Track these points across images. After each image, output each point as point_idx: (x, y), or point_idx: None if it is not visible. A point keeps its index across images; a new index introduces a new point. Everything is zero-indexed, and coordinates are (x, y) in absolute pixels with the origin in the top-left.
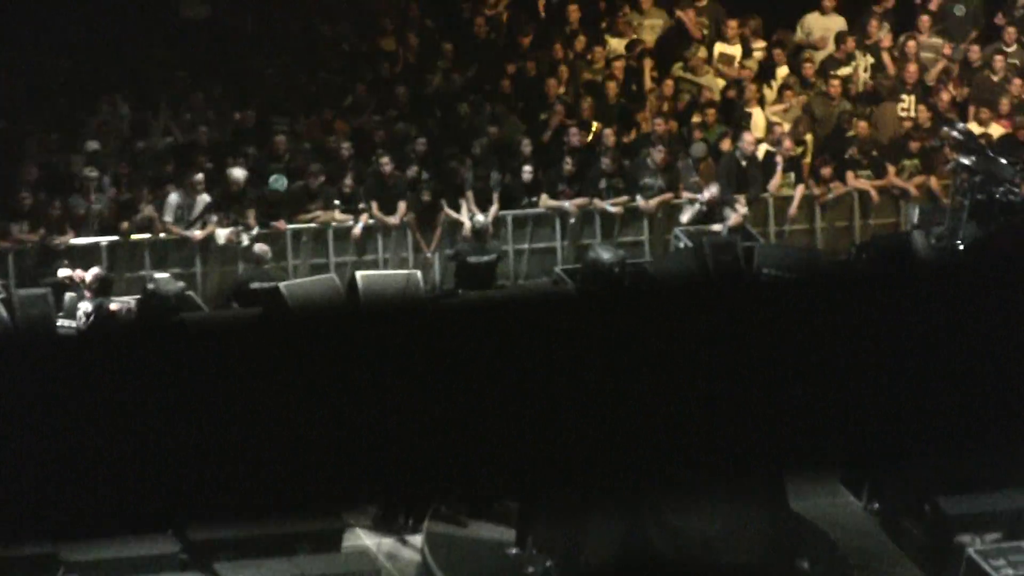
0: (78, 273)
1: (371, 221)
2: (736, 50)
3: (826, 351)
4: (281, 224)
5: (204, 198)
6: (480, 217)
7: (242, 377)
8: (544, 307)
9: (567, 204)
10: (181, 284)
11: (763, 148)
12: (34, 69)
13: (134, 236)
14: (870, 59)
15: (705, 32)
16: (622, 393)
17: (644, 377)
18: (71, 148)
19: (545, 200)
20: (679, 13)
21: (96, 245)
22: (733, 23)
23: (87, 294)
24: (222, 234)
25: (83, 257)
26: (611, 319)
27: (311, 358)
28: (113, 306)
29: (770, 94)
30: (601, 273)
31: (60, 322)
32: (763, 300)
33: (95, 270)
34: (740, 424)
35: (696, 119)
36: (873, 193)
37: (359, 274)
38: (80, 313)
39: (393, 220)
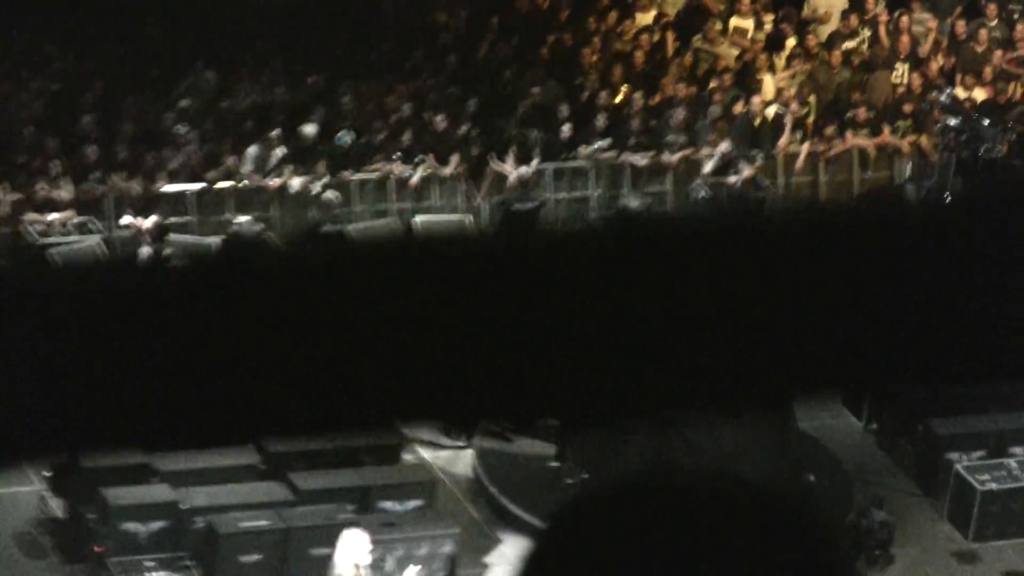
0: (139, 221)
1: (427, 172)
2: (749, 23)
3: (827, 288)
4: (347, 174)
5: (280, 151)
6: (524, 169)
7: (314, 305)
8: (578, 246)
9: (598, 144)
10: (260, 226)
11: (772, 110)
12: (130, 36)
13: (218, 184)
14: (868, 32)
15: (721, 7)
16: (651, 322)
17: (667, 309)
18: (164, 107)
19: (583, 150)
20: None
21: (184, 192)
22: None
23: (147, 239)
24: (296, 183)
25: (174, 203)
26: (636, 258)
27: (374, 288)
28: (168, 250)
29: (779, 62)
30: (630, 219)
31: None
32: (770, 243)
33: (153, 218)
34: (753, 352)
35: (713, 84)
36: (870, 150)
37: (417, 219)
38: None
39: (447, 171)
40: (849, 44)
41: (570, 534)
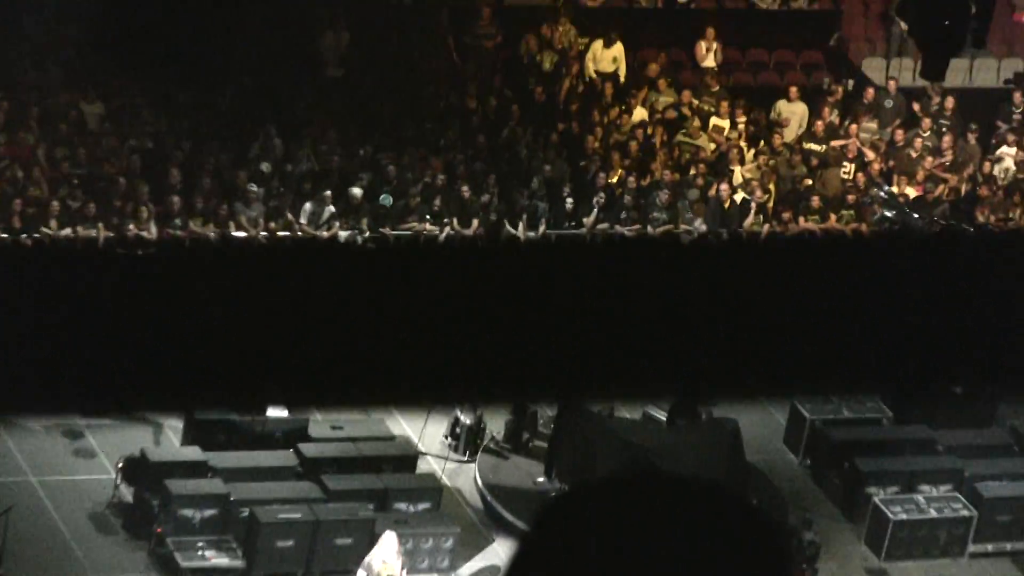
0: None
1: (452, 232)
2: (725, 123)
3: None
4: (386, 230)
5: (330, 208)
6: (531, 234)
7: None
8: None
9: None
10: None
11: (740, 195)
12: (212, 106)
13: (279, 234)
14: (824, 136)
15: (703, 107)
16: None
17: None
18: (238, 166)
19: (588, 221)
20: (685, 94)
21: (250, 239)
22: (725, 103)
23: None
24: (343, 235)
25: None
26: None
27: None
28: None
29: (748, 156)
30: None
31: None
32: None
33: None
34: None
35: (693, 171)
36: (819, 233)
37: None
38: None
39: (468, 233)
40: (809, 145)
41: (548, 532)
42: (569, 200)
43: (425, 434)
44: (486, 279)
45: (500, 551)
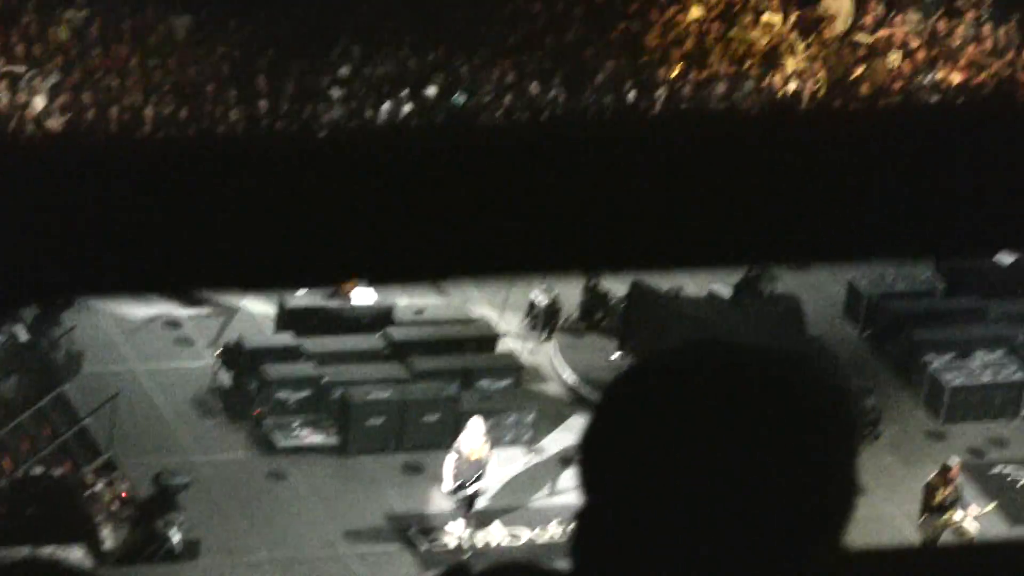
0: None
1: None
2: (777, 18)
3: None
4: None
5: (408, 107)
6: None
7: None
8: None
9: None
10: None
11: (792, 85)
12: (294, 14)
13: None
14: (871, 26)
15: (758, 4)
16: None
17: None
18: (320, 70)
19: (651, 114)
20: None
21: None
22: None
23: None
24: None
25: None
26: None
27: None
28: None
29: (799, 47)
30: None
31: None
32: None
33: None
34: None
35: (747, 64)
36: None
37: None
38: None
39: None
40: (856, 36)
41: (620, 401)
42: (631, 93)
43: (504, 316)
44: (555, 163)
45: (575, 424)
